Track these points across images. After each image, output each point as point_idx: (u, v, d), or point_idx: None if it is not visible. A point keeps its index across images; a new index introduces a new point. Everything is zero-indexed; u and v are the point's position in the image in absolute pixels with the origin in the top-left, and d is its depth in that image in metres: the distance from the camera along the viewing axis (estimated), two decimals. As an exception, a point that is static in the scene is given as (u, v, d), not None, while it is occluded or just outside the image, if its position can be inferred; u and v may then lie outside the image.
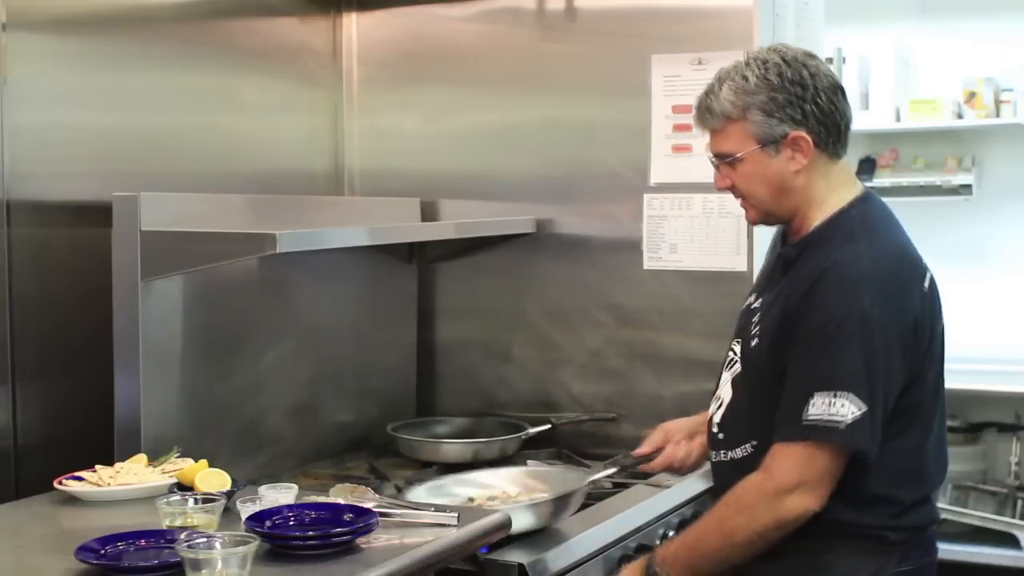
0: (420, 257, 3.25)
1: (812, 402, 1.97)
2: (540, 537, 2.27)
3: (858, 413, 1.95)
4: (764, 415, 2.09)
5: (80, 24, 2.57)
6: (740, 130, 2.08)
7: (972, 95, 4.97)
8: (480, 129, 3.20)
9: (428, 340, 3.27)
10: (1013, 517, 4.63)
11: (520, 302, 3.15)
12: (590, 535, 2.32)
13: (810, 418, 1.97)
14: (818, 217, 2.12)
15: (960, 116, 5.02)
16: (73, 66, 2.55)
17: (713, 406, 2.26)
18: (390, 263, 3.17)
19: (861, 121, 4.98)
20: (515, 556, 2.15)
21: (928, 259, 2.15)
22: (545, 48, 3.12)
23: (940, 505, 4.65)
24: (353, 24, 3.32)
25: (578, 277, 3.08)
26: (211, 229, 2.38)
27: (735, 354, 2.22)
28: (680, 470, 2.49)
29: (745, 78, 2.07)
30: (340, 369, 3.00)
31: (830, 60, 3.90)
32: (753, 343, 2.14)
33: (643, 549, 2.42)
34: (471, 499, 2.38)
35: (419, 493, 2.33)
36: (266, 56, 3.09)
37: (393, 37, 3.29)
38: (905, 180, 5.16)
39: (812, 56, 2.13)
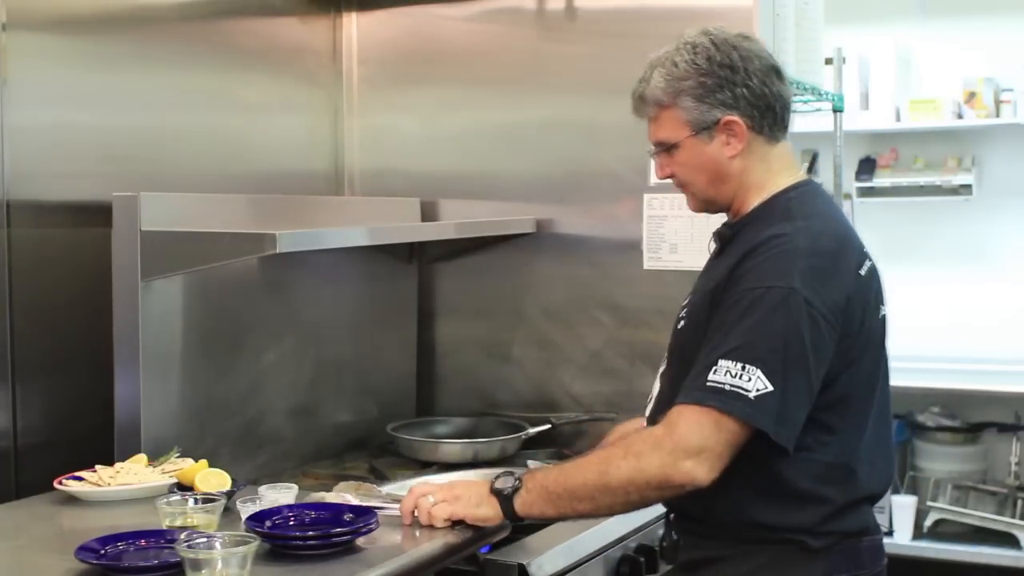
0: (420, 257, 3.25)
1: (719, 367, 1.86)
2: (540, 537, 2.28)
3: (765, 390, 1.83)
4: None
5: (80, 24, 2.57)
6: (673, 117, 2.04)
7: (972, 95, 4.97)
8: (480, 129, 3.20)
9: (428, 340, 3.27)
10: (1013, 517, 4.63)
11: (520, 302, 3.15)
12: (590, 535, 2.33)
13: (714, 382, 1.85)
14: (756, 200, 2.07)
15: (960, 116, 5.02)
16: (73, 66, 2.55)
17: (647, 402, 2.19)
18: (390, 263, 3.17)
19: (861, 121, 4.98)
20: (515, 556, 2.16)
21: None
22: (545, 48, 3.12)
23: (940, 505, 4.70)
24: (353, 24, 3.32)
25: (578, 277, 3.08)
26: (211, 229, 2.38)
27: (668, 351, 2.15)
28: None
29: (675, 64, 2.03)
30: (340, 369, 3.00)
31: (830, 60, 3.89)
32: (679, 326, 2.08)
33: (643, 549, 2.42)
34: None
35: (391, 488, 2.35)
36: (266, 56, 3.09)
37: (393, 37, 3.29)
38: (905, 180, 5.16)
39: (746, 38, 2.07)
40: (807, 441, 1.91)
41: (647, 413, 2.16)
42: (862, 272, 2.00)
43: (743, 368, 1.85)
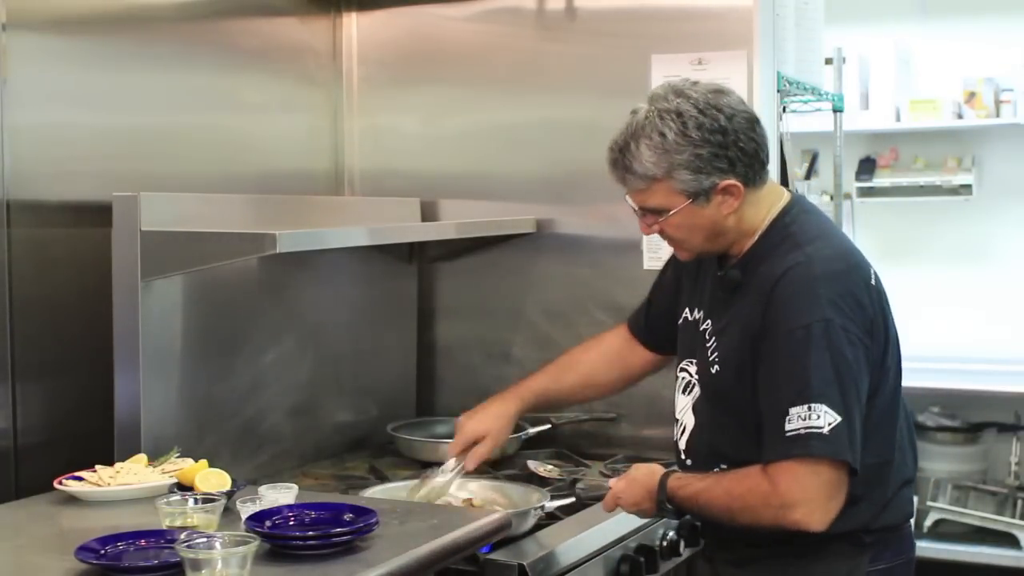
0: (420, 257, 3.25)
1: (790, 415, 1.93)
2: (540, 537, 2.28)
3: (835, 422, 1.92)
4: (729, 439, 2.09)
5: (80, 24, 2.57)
6: (667, 188, 2.03)
7: (972, 95, 4.97)
8: (480, 129, 3.20)
9: (428, 340, 3.27)
10: (1013, 517, 4.63)
11: (520, 302, 3.15)
12: (590, 535, 2.33)
13: (791, 431, 1.93)
14: (754, 236, 2.10)
15: (960, 116, 5.02)
16: (73, 66, 2.55)
17: (676, 430, 2.23)
18: (390, 263, 3.17)
19: (861, 121, 4.98)
20: (515, 556, 2.16)
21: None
22: (545, 48, 3.12)
23: (940, 505, 4.69)
24: (353, 24, 3.32)
25: (578, 277, 3.08)
26: (211, 229, 2.38)
27: (690, 375, 2.18)
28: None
29: (663, 135, 1.99)
30: (340, 369, 3.00)
31: (830, 60, 3.89)
32: (714, 370, 2.10)
33: (643, 549, 2.42)
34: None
35: (376, 492, 2.40)
36: (266, 56, 3.08)
37: (393, 37, 3.29)
38: (905, 180, 5.16)
39: (721, 92, 2.05)
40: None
41: (682, 445, 2.21)
42: (873, 283, 2.06)
43: (809, 409, 1.93)
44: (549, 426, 3.00)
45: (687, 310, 2.23)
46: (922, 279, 5.11)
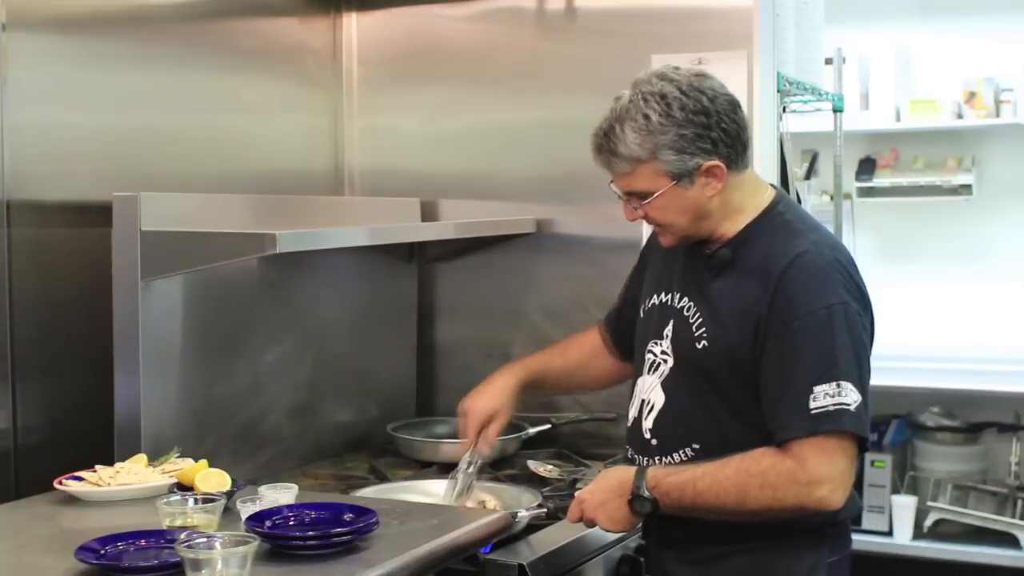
0: (420, 257, 3.25)
1: (815, 393, 1.96)
2: (540, 537, 2.28)
3: (858, 400, 1.97)
4: (709, 418, 2.09)
5: (80, 24, 2.57)
6: (651, 169, 2.06)
7: (972, 95, 4.97)
8: (480, 129, 3.20)
9: (428, 340, 3.27)
10: (1013, 517, 4.62)
11: (520, 302, 3.15)
12: (590, 535, 2.33)
13: (818, 408, 1.96)
14: (741, 221, 2.13)
15: (960, 116, 5.01)
16: (73, 66, 2.55)
17: (635, 410, 2.21)
18: (390, 263, 3.17)
19: (861, 121, 4.98)
20: (515, 556, 2.16)
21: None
22: (545, 48, 3.12)
23: (940, 505, 4.69)
24: (353, 24, 3.32)
25: (578, 277, 3.08)
26: (211, 229, 2.38)
27: (656, 355, 2.18)
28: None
29: (647, 117, 2.03)
30: (340, 369, 3.00)
31: (830, 60, 3.89)
32: (700, 345, 2.10)
33: (643, 549, 2.42)
34: None
35: (364, 493, 2.40)
36: (266, 56, 3.09)
37: (393, 37, 3.29)
38: (905, 180, 5.15)
39: (703, 76, 2.10)
40: None
41: (648, 424, 2.17)
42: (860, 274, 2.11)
43: (838, 386, 1.97)
44: (549, 426, 3.00)
45: (654, 296, 2.24)
46: (922, 279, 5.10)
